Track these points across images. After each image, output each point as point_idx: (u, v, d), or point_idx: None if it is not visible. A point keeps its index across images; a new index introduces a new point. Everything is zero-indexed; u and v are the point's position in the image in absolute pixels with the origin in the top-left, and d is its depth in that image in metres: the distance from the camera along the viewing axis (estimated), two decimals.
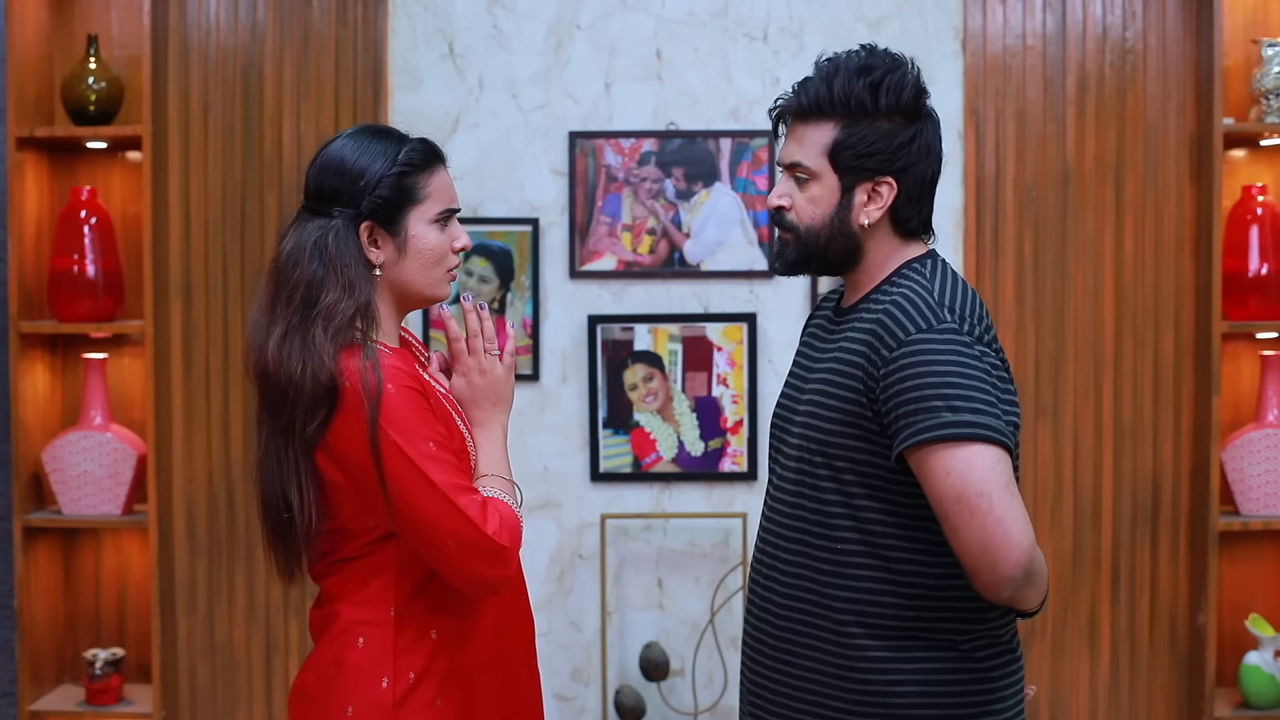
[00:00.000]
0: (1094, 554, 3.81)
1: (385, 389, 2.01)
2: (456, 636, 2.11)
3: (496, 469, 2.14)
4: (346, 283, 2.07)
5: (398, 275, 2.13)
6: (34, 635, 3.71)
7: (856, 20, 3.79)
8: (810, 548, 2.14)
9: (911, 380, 1.99)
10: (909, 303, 2.06)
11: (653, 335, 3.78)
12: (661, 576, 3.83)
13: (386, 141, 2.13)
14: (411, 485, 2.00)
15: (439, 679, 2.09)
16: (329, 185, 2.11)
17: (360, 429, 2.01)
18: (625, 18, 3.80)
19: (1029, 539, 1.93)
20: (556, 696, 3.84)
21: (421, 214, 2.12)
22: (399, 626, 2.08)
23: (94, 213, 3.73)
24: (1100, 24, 3.79)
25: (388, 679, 2.06)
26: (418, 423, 2.02)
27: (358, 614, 2.09)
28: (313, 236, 2.09)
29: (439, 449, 2.02)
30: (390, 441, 2.00)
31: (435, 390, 2.13)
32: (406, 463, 2.00)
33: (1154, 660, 3.81)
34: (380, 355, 2.05)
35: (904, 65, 2.16)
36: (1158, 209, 3.78)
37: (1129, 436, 3.80)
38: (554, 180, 3.81)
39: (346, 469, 2.04)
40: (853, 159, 2.12)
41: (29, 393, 3.70)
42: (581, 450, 3.82)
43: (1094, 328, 3.79)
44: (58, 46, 3.81)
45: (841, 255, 2.16)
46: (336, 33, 3.80)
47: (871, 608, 2.09)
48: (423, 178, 2.13)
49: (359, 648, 2.07)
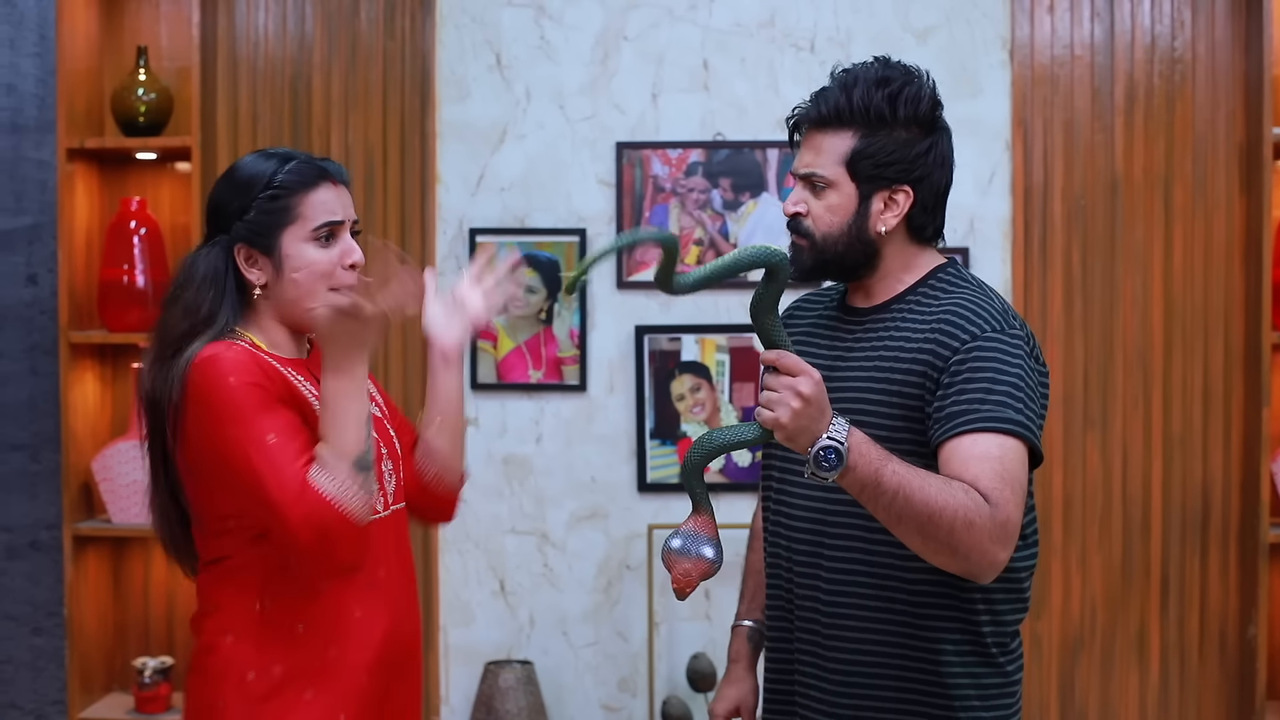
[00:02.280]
0: (1143, 565, 3.79)
1: (226, 380, 2.02)
2: (327, 632, 2.12)
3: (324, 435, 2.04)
4: (186, 304, 2.12)
5: (280, 295, 2.16)
6: (83, 644, 3.72)
7: (904, 31, 3.79)
8: (865, 545, 2.14)
9: (983, 372, 2.03)
10: (976, 307, 2.12)
11: (700, 346, 3.78)
12: (709, 587, 3.82)
13: (269, 162, 2.17)
14: (240, 469, 2.01)
15: (310, 674, 2.11)
16: (213, 204, 2.19)
17: (199, 417, 2.04)
18: (672, 28, 3.81)
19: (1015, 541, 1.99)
20: (604, 707, 3.84)
21: (295, 233, 2.14)
22: (264, 621, 2.11)
23: (143, 223, 3.75)
24: (1149, 33, 3.77)
25: (254, 673, 2.10)
26: (255, 413, 2.02)
27: (225, 612, 2.13)
28: (182, 262, 2.19)
29: (280, 437, 2.02)
30: (224, 430, 2.02)
31: (294, 385, 2.11)
32: (239, 447, 2.01)
33: (1204, 672, 3.79)
34: (233, 349, 2.06)
35: (920, 77, 2.20)
36: (1207, 219, 3.77)
37: (1178, 447, 3.78)
38: (601, 191, 3.81)
39: (197, 461, 2.07)
40: (871, 168, 2.16)
41: (79, 402, 3.72)
42: (629, 461, 3.82)
43: (1143, 338, 3.78)
44: (107, 58, 3.83)
45: (859, 261, 2.20)
46: (384, 44, 3.82)
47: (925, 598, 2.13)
48: (295, 198, 2.14)
49: (227, 644, 2.12)
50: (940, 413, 2.04)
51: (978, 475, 1.95)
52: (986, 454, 1.97)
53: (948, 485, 1.92)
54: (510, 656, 3.84)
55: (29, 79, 3.82)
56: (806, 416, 1.86)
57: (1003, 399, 2.01)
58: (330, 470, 2.01)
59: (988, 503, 1.92)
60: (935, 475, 1.95)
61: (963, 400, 2.02)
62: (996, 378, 2.03)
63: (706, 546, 1.96)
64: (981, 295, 2.15)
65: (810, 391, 1.86)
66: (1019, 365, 2.05)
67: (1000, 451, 1.98)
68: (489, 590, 3.83)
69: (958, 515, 1.90)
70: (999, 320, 2.10)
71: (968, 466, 1.96)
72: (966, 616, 2.13)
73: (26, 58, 3.82)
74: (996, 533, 1.93)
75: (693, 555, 1.95)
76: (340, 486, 2.01)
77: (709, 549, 1.95)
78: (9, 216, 3.83)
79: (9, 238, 3.83)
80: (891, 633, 2.14)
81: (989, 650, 2.16)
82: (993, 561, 1.95)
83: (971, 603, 2.13)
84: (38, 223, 3.83)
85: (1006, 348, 2.07)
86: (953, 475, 1.97)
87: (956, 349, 2.07)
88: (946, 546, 1.92)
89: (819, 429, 1.88)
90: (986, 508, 1.92)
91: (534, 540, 3.85)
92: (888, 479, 1.89)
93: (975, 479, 1.94)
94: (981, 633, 2.14)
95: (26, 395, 3.84)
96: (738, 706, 2.43)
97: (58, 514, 3.79)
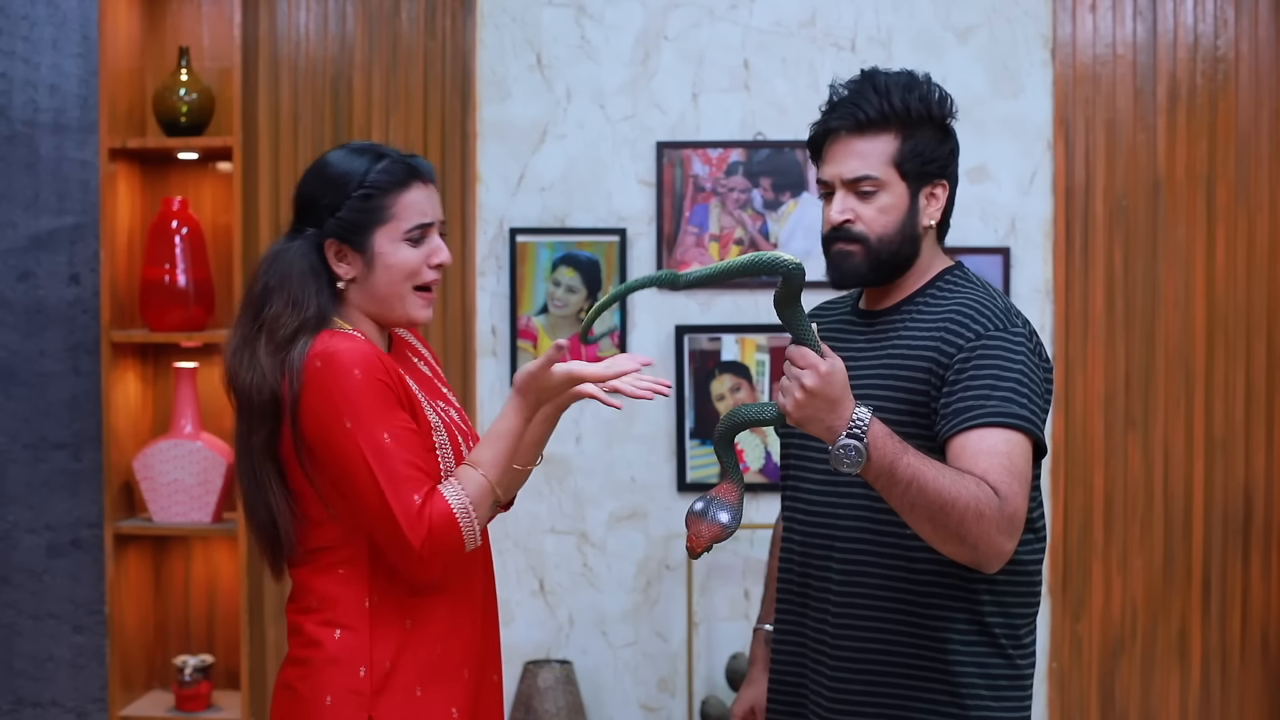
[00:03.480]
0: (1185, 567, 3.78)
1: (351, 374, 2.04)
2: (435, 629, 2.14)
3: (481, 459, 2.11)
4: (292, 297, 2.12)
5: (369, 292, 2.17)
6: (124, 642, 3.74)
7: (945, 30, 3.78)
8: (875, 541, 2.20)
9: (987, 369, 2.11)
10: (980, 306, 2.20)
11: (740, 345, 3.78)
12: (748, 587, 3.82)
13: (362, 159, 2.17)
14: (355, 470, 2.04)
15: (419, 669, 2.12)
16: (303, 198, 2.19)
17: (317, 408, 2.05)
18: (713, 28, 3.81)
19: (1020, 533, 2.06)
20: (643, 707, 3.84)
21: (389, 233, 2.15)
22: (374, 616, 2.12)
23: (185, 223, 3.76)
24: (1191, 32, 3.76)
25: (365, 668, 2.10)
26: (376, 412, 2.05)
27: (333, 606, 2.13)
28: (272, 253, 2.18)
29: (394, 441, 2.05)
30: (343, 425, 2.04)
31: (407, 383, 2.14)
32: (355, 447, 2.04)
33: (1245, 675, 3.77)
34: (353, 341, 2.08)
35: (929, 79, 2.29)
36: (1249, 219, 3.75)
37: (1220, 448, 3.76)
38: (641, 190, 3.81)
39: (310, 452, 2.08)
40: (919, 165, 2.24)
41: (120, 401, 3.73)
42: (668, 461, 3.82)
43: (1185, 339, 3.76)
44: (149, 59, 3.85)
45: (908, 259, 2.28)
46: (425, 44, 3.82)
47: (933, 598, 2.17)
48: (389, 198, 2.15)
49: (335, 639, 2.11)
50: (947, 409, 2.11)
51: (987, 470, 2.02)
52: (994, 449, 2.05)
53: (960, 477, 2.00)
54: (549, 656, 3.84)
55: (72, 79, 3.83)
56: (811, 407, 1.95)
57: (1007, 395, 2.08)
58: (469, 493, 2.07)
59: (997, 496, 2.00)
60: (949, 467, 2.02)
61: (969, 396, 2.09)
62: (1001, 374, 2.10)
63: (723, 512, 2.05)
64: (985, 295, 2.22)
65: (813, 384, 1.94)
66: (1021, 361, 2.12)
67: (1007, 446, 2.05)
68: (528, 590, 3.83)
69: (969, 506, 1.97)
70: (1001, 319, 2.17)
71: (977, 461, 2.04)
72: (971, 606, 2.18)
73: (69, 58, 3.83)
74: (1004, 524, 2.00)
75: (708, 519, 2.04)
76: (467, 509, 2.07)
77: (725, 514, 2.04)
78: (52, 216, 3.85)
79: (52, 238, 3.85)
80: (899, 620, 2.19)
81: (998, 641, 2.20)
82: (999, 551, 2.02)
83: (976, 592, 2.18)
84: (80, 223, 3.84)
85: (1009, 345, 2.14)
86: (963, 470, 2.04)
87: (961, 347, 2.14)
88: (956, 535, 1.99)
89: (832, 420, 1.96)
90: (996, 500, 2.00)
91: (573, 540, 3.85)
92: (902, 470, 1.97)
93: (985, 473, 2.02)
94: (988, 622, 2.19)
95: (69, 394, 3.85)
96: (753, 708, 2.51)
97: (99, 513, 3.81)
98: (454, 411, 2.27)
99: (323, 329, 2.12)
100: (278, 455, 2.13)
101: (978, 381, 2.10)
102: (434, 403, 2.20)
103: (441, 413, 2.21)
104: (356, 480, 2.05)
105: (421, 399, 2.16)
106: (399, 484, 2.03)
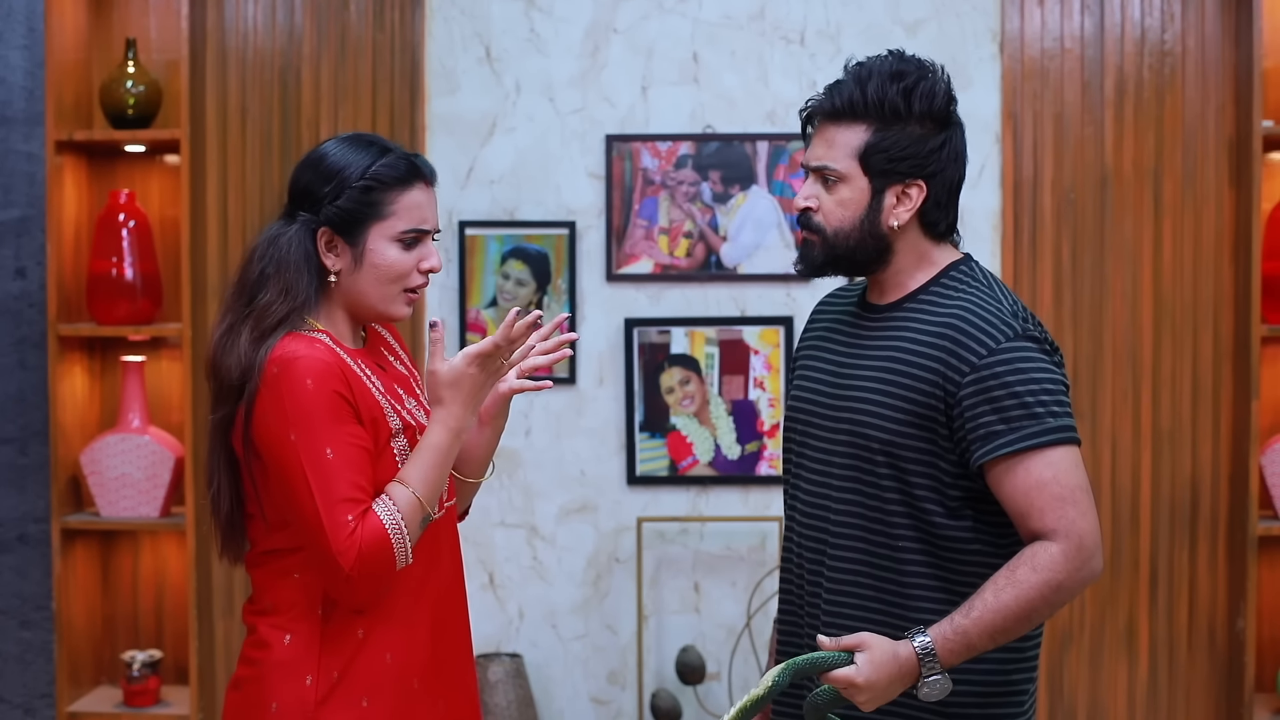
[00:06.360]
0: (1132, 558, 3.80)
1: (304, 384, 2.01)
2: (387, 638, 2.10)
3: (409, 476, 2.07)
4: (285, 286, 2.09)
5: (351, 286, 2.13)
6: (72, 637, 3.72)
7: (893, 23, 3.79)
8: (866, 544, 2.15)
9: (1010, 387, 2.05)
10: (985, 310, 2.11)
11: (689, 338, 3.78)
12: (698, 580, 3.82)
13: (367, 151, 2.13)
14: (294, 483, 2.01)
15: (368, 680, 2.08)
16: (301, 183, 2.14)
17: (266, 415, 2.03)
18: (662, 21, 3.81)
19: (1098, 545, 2.06)
20: (593, 700, 3.84)
21: (383, 230, 2.11)
22: (326, 624, 2.08)
23: (132, 216, 3.74)
24: (1139, 26, 3.77)
25: (311, 676, 2.07)
26: (324, 425, 2.01)
27: (285, 611, 2.10)
28: (268, 237, 2.13)
29: (337, 457, 2.01)
30: (288, 436, 2.01)
31: (369, 391, 2.10)
32: (296, 460, 2.01)
33: (1192, 666, 3.80)
34: (313, 349, 2.05)
35: (935, 72, 2.19)
36: (1197, 212, 3.77)
37: (1168, 441, 3.78)
38: (591, 183, 3.81)
39: (257, 456, 2.06)
40: (885, 162, 2.14)
41: (67, 395, 3.71)
42: (618, 454, 3.82)
43: (1132, 331, 3.78)
44: (96, 50, 3.83)
45: (871, 256, 2.18)
46: (374, 36, 3.81)
47: (922, 602, 2.12)
48: (391, 194, 2.11)
49: (285, 644, 2.08)
50: (974, 433, 2.05)
51: (1042, 511, 2.02)
52: (1039, 482, 2.02)
53: (1013, 578, 2.01)
54: (499, 650, 3.84)
55: (17, 71, 3.81)
56: (881, 696, 2.01)
57: (1035, 409, 2.04)
58: (400, 510, 2.03)
59: (1054, 541, 2.00)
60: (999, 576, 2.02)
61: (996, 418, 2.04)
62: (1022, 389, 2.04)
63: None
64: (990, 298, 2.14)
65: (866, 698, 2.01)
66: (1039, 368, 2.07)
67: (1052, 472, 2.03)
68: (478, 584, 3.83)
69: (1042, 595, 2.00)
70: (1009, 327, 2.09)
71: (1031, 505, 2.03)
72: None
73: (15, 50, 3.81)
74: (1076, 558, 2.01)
75: None
76: (399, 526, 2.03)
77: None
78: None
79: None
80: (888, 625, 2.13)
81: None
82: (1090, 578, 2.04)
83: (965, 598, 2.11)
84: (26, 215, 3.82)
85: (1023, 354, 2.07)
86: (1013, 510, 2.04)
87: (974, 364, 2.07)
88: (1052, 611, 2.04)
89: (902, 682, 2.02)
90: (1056, 554, 2.00)
91: (523, 533, 3.85)
92: (979, 640, 2.01)
93: (1038, 522, 2.02)
94: None
95: (15, 388, 3.83)
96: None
97: (46, 507, 3.78)
98: (423, 413, 2.21)
99: (300, 323, 2.08)
100: (229, 440, 2.11)
101: (1002, 402, 2.04)
102: (400, 405, 2.15)
103: (408, 415, 2.16)
104: (295, 493, 2.01)
105: (385, 404, 2.11)
106: (334, 504, 1.99)
